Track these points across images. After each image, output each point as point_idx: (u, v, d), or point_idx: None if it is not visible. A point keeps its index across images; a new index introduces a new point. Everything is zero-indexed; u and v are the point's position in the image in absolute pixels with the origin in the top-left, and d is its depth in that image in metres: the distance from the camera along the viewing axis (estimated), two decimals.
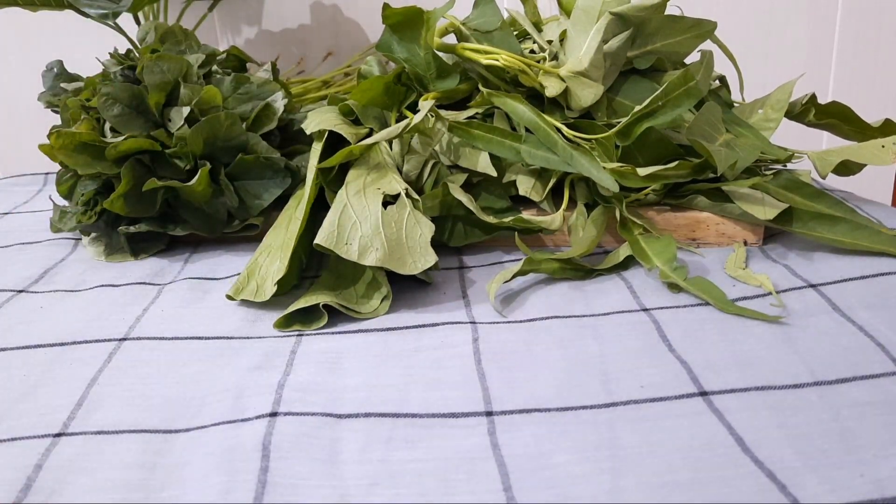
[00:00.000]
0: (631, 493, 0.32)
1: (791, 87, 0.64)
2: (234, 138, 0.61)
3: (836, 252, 0.54)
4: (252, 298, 0.51)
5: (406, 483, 0.33)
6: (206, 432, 0.37)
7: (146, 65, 0.62)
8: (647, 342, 0.44)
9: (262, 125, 0.64)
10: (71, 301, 0.54)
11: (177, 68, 0.62)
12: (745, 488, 0.32)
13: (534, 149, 0.58)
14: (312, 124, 0.58)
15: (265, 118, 0.64)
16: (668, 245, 0.53)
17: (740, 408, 0.37)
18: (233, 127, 0.61)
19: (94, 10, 0.75)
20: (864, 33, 1.01)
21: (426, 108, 0.57)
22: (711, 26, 0.61)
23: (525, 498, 0.32)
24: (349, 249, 0.49)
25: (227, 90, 0.64)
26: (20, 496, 0.33)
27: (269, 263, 0.53)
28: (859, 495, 0.31)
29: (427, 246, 0.50)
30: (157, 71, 0.62)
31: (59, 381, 0.43)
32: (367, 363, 0.43)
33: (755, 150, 0.59)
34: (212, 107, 0.62)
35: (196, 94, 0.62)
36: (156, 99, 0.62)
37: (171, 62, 0.62)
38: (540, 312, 0.48)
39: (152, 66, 0.62)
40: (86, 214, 0.63)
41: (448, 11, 0.62)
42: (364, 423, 0.37)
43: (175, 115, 0.62)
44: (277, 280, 0.50)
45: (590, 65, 0.59)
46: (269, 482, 0.33)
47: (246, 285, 0.52)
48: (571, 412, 0.38)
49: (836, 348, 0.42)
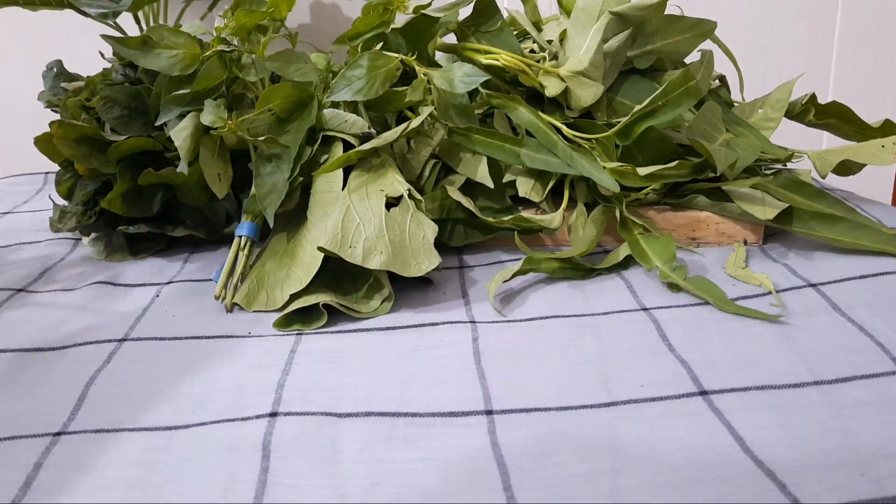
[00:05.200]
0: (631, 493, 0.32)
1: (791, 86, 0.64)
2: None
3: (835, 251, 0.54)
4: (264, 309, 0.51)
5: (406, 482, 0.33)
6: (206, 432, 0.37)
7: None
8: (647, 342, 0.44)
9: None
10: (70, 300, 0.54)
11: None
12: (745, 488, 0.32)
13: (534, 152, 0.58)
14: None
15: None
16: (668, 245, 0.53)
17: (740, 407, 0.37)
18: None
19: (93, 9, 0.75)
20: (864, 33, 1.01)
21: (426, 112, 0.57)
22: (711, 26, 0.61)
23: (525, 498, 0.32)
24: (353, 253, 0.49)
25: None
26: (20, 495, 0.33)
27: (277, 270, 0.52)
28: (859, 495, 0.31)
29: (430, 247, 0.50)
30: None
31: (59, 380, 0.43)
32: (367, 363, 0.43)
33: (755, 149, 0.59)
34: None
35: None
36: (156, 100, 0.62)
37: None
38: (540, 312, 0.48)
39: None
40: (85, 214, 0.63)
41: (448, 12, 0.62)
42: (364, 423, 0.37)
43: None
44: (293, 293, 0.50)
45: (590, 64, 0.59)
46: (269, 482, 0.33)
47: (256, 296, 0.52)
48: (571, 412, 0.38)
49: (836, 348, 0.42)
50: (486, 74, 0.57)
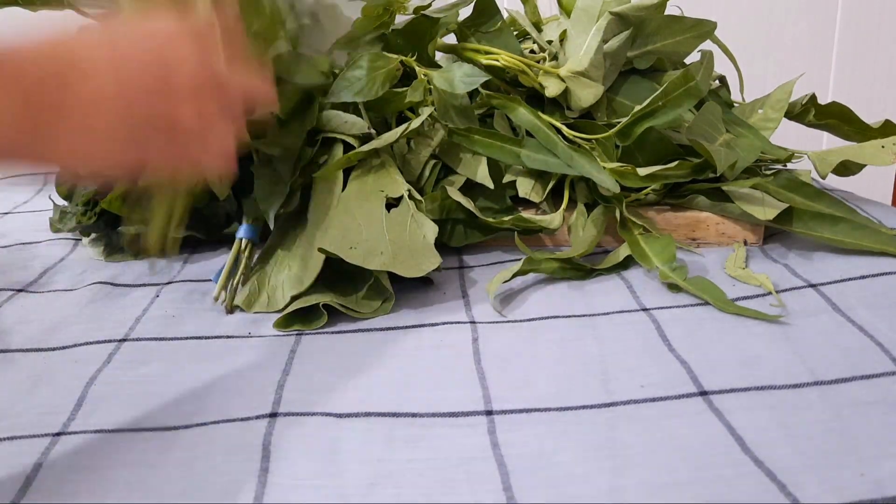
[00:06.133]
0: (631, 493, 0.32)
1: (791, 86, 0.64)
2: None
3: (836, 252, 0.54)
4: (265, 310, 0.51)
5: (406, 483, 0.33)
6: (206, 432, 0.37)
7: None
8: (647, 342, 0.44)
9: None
10: (70, 300, 0.54)
11: None
12: (745, 488, 0.32)
13: (534, 152, 0.58)
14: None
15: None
16: (668, 245, 0.53)
17: (740, 408, 0.37)
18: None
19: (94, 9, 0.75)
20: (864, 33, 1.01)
21: (426, 113, 0.57)
22: (711, 26, 0.61)
23: (525, 497, 0.32)
24: (354, 254, 0.49)
25: None
26: (20, 495, 0.33)
27: (278, 272, 0.52)
28: (859, 495, 0.31)
29: (431, 248, 0.50)
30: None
31: (59, 380, 0.43)
32: (367, 363, 0.43)
33: (755, 150, 0.59)
34: None
35: None
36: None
37: None
38: (540, 312, 0.48)
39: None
40: (86, 215, 0.63)
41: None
42: (364, 423, 0.37)
43: None
44: (294, 295, 0.50)
45: (590, 65, 0.59)
46: (269, 482, 0.33)
47: (257, 298, 0.52)
48: (571, 412, 0.38)
49: (836, 348, 0.42)
50: (486, 74, 0.57)
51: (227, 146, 0.38)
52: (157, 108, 0.34)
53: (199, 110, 0.35)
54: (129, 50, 0.34)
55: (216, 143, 0.37)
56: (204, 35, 0.37)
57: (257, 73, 0.42)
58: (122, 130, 0.33)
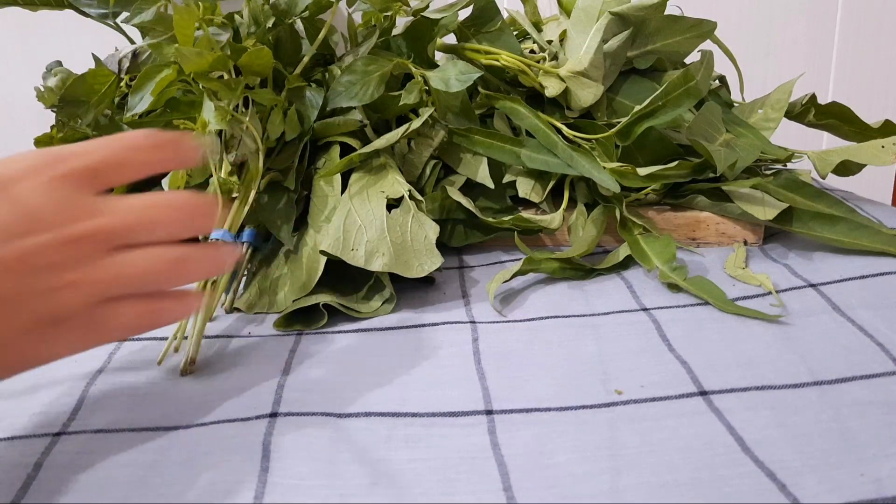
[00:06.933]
0: (631, 493, 0.32)
1: (791, 86, 0.64)
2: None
3: (836, 252, 0.54)
4: (265, 312, 0.51)
5: (406, 483, 0.33)
6: (206, 432, 0.37)
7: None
8: (647, 342, 0.44)
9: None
10: None
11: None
12: (745, 488, 0.32)
13: (534, 153, 0.58)
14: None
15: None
16: (668, 245, 0.53)
17: (740, 408, 0.37)
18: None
19: (94, 9, 0.75)
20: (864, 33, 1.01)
21: (426, 114, 0.57)
22: (711, 26, 0.61)
23: (525, 498, 0.32)
24: (355, 255, 0.49)
25: None
26: (20, 495, 0.33)
27: (279, 275, 0.52)
28: (859, 495, 0.31)
29: (432, 248, 0.50)
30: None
31: (59, 380, 0.43)
32: (367, 363, 0.43)
33: (755, 149, 0.59)
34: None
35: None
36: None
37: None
38: (540, 312, 0.48)
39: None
40: None
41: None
42: (364, 423, 0.37)
43: None
44: (295, 299, 0.50)
45: (590, 65, 0.59)
46: (269, 482, 0.33)
47: (258, 300, 0.52)
48: (571, 412, 0.38)
49: (836, 348, 0.42)
50: (479, 71, 0.57)
51: (133, 315, 0.30)
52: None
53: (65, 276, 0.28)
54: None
55: (112, 316, 0.30)
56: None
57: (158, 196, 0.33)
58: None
